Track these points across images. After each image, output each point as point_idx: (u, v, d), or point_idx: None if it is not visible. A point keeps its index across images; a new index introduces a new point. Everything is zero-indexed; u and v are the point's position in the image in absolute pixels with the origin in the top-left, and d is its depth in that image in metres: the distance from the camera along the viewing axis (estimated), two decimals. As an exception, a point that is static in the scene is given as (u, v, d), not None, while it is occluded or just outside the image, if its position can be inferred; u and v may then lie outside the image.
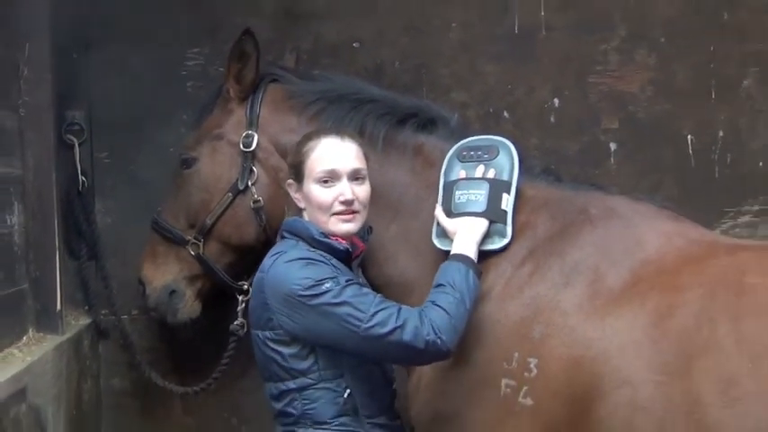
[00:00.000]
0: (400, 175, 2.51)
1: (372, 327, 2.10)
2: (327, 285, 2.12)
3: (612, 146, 3.12)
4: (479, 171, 2.38)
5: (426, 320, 2.11)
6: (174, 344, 3.08)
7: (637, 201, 2.37)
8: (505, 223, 2.31)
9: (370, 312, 2.11)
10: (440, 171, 2.44)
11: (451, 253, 2.28)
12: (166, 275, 2.75)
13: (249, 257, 2.65)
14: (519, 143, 2.53)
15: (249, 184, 2.60)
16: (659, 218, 2.30)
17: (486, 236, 2.31)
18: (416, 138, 2.53)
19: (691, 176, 3.11)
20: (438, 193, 2.42)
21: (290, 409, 2.24)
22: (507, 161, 2.39)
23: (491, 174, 2.36)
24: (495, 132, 2.67)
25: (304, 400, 2.22)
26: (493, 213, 2.32)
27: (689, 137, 3.12)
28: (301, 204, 2.29)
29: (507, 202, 2.32)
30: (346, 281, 2.16)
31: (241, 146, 2.61)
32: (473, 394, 2.22)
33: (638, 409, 2.01)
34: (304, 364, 2.20)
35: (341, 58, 3.09)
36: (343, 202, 2.24)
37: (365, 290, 2.20)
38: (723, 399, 1.93)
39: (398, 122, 2.56)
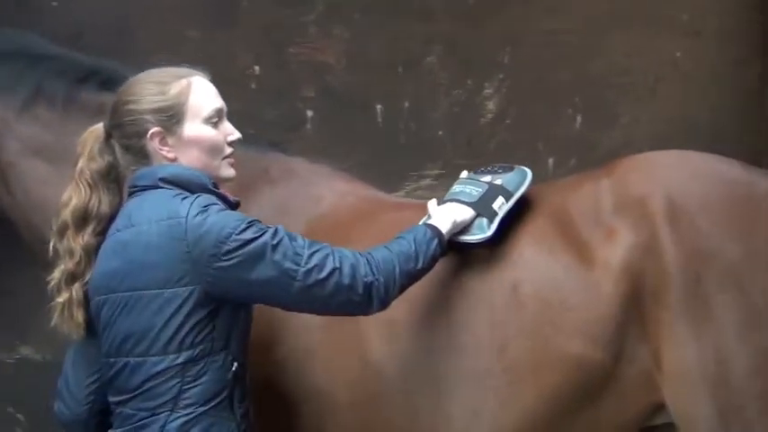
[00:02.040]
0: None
1: (310, 271, 1.88)
2: (260, 226, 1.89)
3: (309, 113, 3.35)
4: (487, 178, 2.36)
5: (362, 260, 1.95)
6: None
7: (314, 163, 2.61)
8: (491, 221, 2.23)
9: (306, 255, 1.89)
10: None
11: (423, 222, 2.17)
12: None
13: None
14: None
15: None
16: (334, 178, 2.57)
17: (468, 227, 2.22)
18: (100, 96, 2.49)
19: (380, 143, 3.42)
20: None
21: (158, 392, 1.90)
22: (518, 178, 2.35)
23: (497, 182, 2.32)
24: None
25: (186, 377, 1.89)
26: (481, 208, 2.25)
27: (378, 106, 3.44)
28: (172, 155, 2.00)
29: (501, 206, 2.25)
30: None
31: None
32: None
33: (311, 351, 2.27)
34: (202, 332, 1.90)
35: (42, 17, 3.03)
36: (231, 143, 2.09)
37: (292, 233, 1.97)
38: (385, 337, 2.23)
39: (79, 81, 2.50)
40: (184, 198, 1.92)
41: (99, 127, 2.11)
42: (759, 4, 4.27)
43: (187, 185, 1.97)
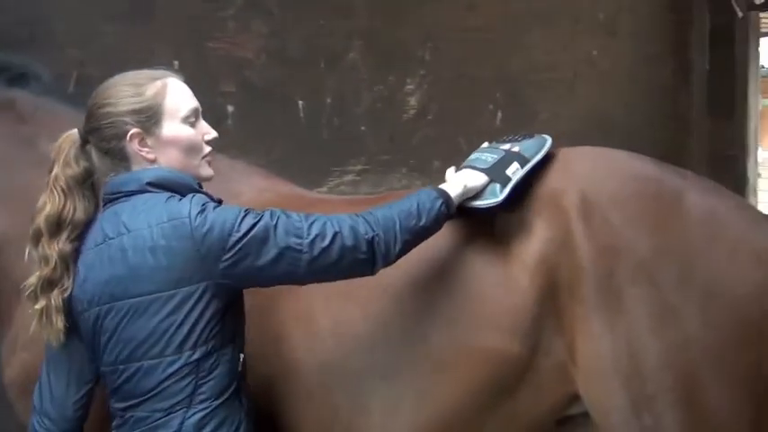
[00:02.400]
0: None
1: (313, 241, 1.88)
2: (256, 212, 1.88)
3: (230, 108, 3.32)
4: (506, 146, 2.29)
5: (360, 219, 1.94)
6: None
7: (233, 159, 2.59)
8: (504, 186, 2.16)
9: (305, 226, 1.89)
10: (33, 126, 2.46)
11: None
12: None
13: None
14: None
15: None
16: (253, 174, 2.56)
17: (480, 193, 2.17)
18: (7, 93, 2.44)
19: (302, 138, 3.42)
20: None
21: (173, 391, 1.89)
22: (536, 145, 2.29)
23: (515, 148, 2.26)
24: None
25: (201, 373, 1.89)
26: (495, 173, 2.18)
27: (300, 102, 3.43)
28: (152, 156, 1.96)
29: (516, 171, 2.20)
30: None
31: None
32: None
33: None
34: (215, 327, 1.90)
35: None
36: (209, 142, 2.04)
37: (285, 210, 1.95)
38: (304, 334, 2.23)
39: None
40: (180, 199, 1.90)
41: (74, 132, 2.03)
42: (671, 4, 4.40)
43: (175, 187, 1.95)
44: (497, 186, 2.19)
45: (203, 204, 1.88)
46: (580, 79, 4.13)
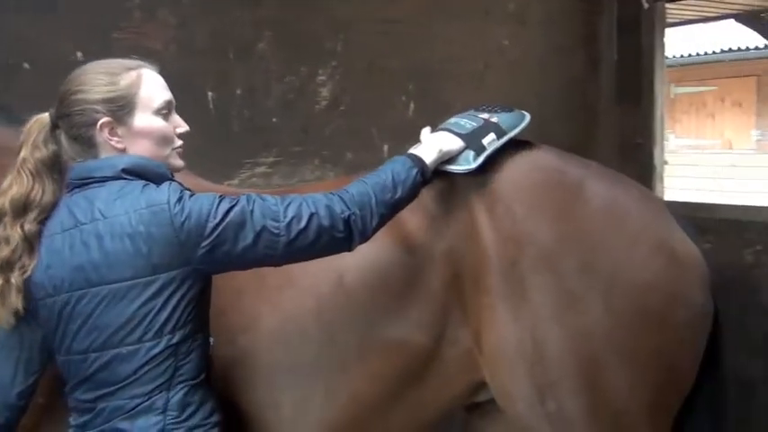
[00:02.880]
0: None
1: (290, 223, 1.90)
2: (231, 198, 1.90)
3: (136, 100, 3.27)
4: (484, 115, 2.32)
5: (335, 198, 1.96)
6: None
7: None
8: (478, 154, 2.20)
9: (281, 209, 1.91)
10: None
11: (408, 152, 2.15)
12: None
13: None
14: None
15: None
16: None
17: (454, 157, 2.20)
18: None
19: (212, 131, 3.35)
20: None
21: (153, 375, 1.89)
22: (515, 119, 2.33)
23: (494, 119, 2.29)
24: (18, 84, 2.70)
25: (180, 355, 1.91)
26: (471, 141, 2.21)
27: (209, 93, 3.39)
28: (121, 145, 1.96)
29: (492, 142, 2.23)
30: None
31: None
32: None
33: None
34: (193, 311, 1.92)
35: None
36: (180, 135, 2.07)
37: (259, 193, 1.99)
38: (219, 328, 2.22)
39: None
40: (157, 187, 1.92)
41: (44, 116, 2.03)
42: (582, -6, 4.47)
43: (149, 176, 1.95)
44: (471, 154, 2.20)
45: (181, 192, 1.90)
46: (491, 69, 4.19)
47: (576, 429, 2.16)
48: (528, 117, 2.40)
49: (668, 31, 4.77)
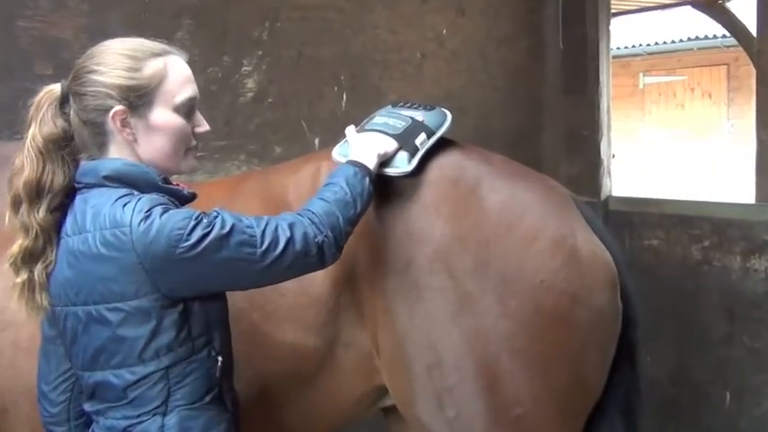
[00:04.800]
0: None
1: (267, 250, 1.79)
2: (207, 220, 1.76)
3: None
4: (408, 113, 2.27)
5: (306, 221, 1.87)
6: None
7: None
8: (412, 156, 2.16)
9: (258, 234, 1.80)
10: None
11: (348, 159, 2.08)
12: None
13: None
14: None
15: None
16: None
17: (390, 159, 2.14)
18: None
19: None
20: None
21: (145, 398, 1.81)
22: (439, 118, 2.30)
23: (419, 117, 2.25)
24: None
25: (172, 380, 1.82)
26: (404, 141, 2.17)
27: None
28: (132, 138, 1.85)
29: (423, 142, 2.20)
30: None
31: None
32: None
33: (20, 349, 2.14)
34: (179, 335, 1.81)
35: None
36: (199, 135, 1.94)
37: (233, 213, 1.85)
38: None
39: None
40: (126, 203, 1.77)
41: (56, 89, 1.91)
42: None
43: (134, 183, 1.82)
44: (406, 155, 2.15)
45: (149, 210, 1.75)
46: (428, 59, 4.11)
47: None
48: (450, 116, 2.35)
49: (627, 18, 4.72)
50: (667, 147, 13.93)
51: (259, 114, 3.62)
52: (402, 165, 2.15)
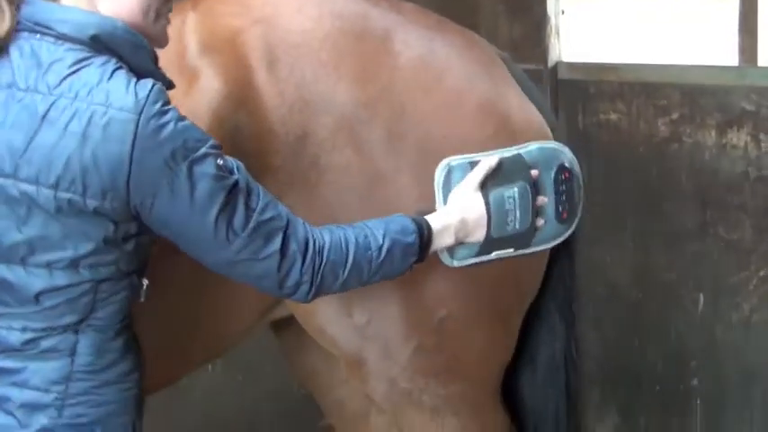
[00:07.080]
0: None
1: (269, 219, 1.62)
2: (225, 162, 1.60)
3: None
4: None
5: (312, 247, 1.67)
6: None
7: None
8: (472, 256, 1.91)
9: (264, 200, 1.63)
10: None
11: (425, 214, 1.82)
12: None
13: None
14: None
15: None
16: None
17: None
18: None
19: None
20: None
21: (63, 308, 1.61)
22: (557, 231, 2.00)
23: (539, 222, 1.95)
24: None
25: (101, 295, 1.63)
26: (490, 243, 1.90)
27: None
28: None
29: (499, 253, 1.91)
30: None
31: None
32: None
33: None
34: (124, 250, 1.63)
35: None
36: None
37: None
38: None
39: None
40: (131, 81, 1.56)
41: None
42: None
43: (127, 55, 1.60)
44: (473, 251, 1.89)
45: (165, 105, 1.57)
46: None
47: (392, 344, 1.97)
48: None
49: None
50: (629, 1, 13.36)
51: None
52: (450, 257, 1.91)
